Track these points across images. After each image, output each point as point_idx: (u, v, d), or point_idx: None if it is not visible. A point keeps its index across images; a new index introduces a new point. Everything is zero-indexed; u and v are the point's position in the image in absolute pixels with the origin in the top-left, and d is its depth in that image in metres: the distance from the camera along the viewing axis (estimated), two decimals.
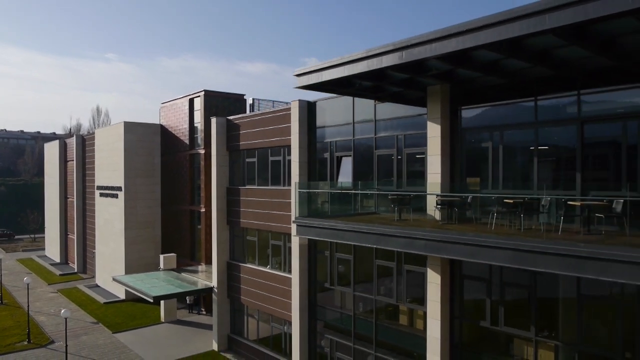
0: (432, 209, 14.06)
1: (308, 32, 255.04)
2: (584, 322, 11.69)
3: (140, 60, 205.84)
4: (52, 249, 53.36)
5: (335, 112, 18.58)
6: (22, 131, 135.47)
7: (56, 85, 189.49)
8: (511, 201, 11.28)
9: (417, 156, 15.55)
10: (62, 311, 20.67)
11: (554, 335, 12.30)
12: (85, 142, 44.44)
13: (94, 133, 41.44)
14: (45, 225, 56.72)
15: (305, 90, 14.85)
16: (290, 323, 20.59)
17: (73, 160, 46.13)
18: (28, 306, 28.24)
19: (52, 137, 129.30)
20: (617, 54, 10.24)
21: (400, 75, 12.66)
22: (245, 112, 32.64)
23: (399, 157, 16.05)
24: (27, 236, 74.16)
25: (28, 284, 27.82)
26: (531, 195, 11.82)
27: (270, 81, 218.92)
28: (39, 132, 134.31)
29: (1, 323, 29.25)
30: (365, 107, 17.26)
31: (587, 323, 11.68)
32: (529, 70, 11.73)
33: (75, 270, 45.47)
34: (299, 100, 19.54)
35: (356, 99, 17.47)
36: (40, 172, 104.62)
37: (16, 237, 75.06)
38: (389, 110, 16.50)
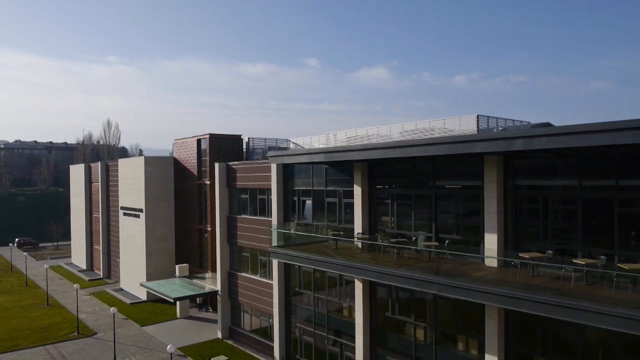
0: (357, 241, 22.05)
1: (308, 33, 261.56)
2: (438, 312, 19.60)
3: (140, 62, 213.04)
4: (78, 257, 61.71)
5: (301, 169, 26.55)
6: (35, 141, 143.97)
7: (58, 89, 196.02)
8: (390, 243, 19.32)
9: (350, 204, 23.51)
10: (111, 309, 28.77)
11: (424, 320, 20.22)
12: (109, 168, 52.67)
13: (117, 162, 49.55)
14: (71, 236, 65.05)
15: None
16: (273, 316, 28.56)
17: (98, 182, 54.37)
18: (77, 305, 36.48)
19: (64, 147, 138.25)
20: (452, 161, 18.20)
21: (332, 162, 20.73)
22: (242, 148, 40.72)
23: (340, 204, 24.05)
24: (50, 244, 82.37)
25: (77, 289, 35.98)
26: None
27: (271, 82, 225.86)
28: (51, 142, 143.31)
29: (53, 319, 37.52)
30: (319, 168, 25.24)
31: (440, 313, 19.59)
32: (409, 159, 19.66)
33: (101, 276, 53.73)
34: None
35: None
36: (56, 182, 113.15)
37: (40, 245, 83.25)
38: (334, 172, 24.49)
